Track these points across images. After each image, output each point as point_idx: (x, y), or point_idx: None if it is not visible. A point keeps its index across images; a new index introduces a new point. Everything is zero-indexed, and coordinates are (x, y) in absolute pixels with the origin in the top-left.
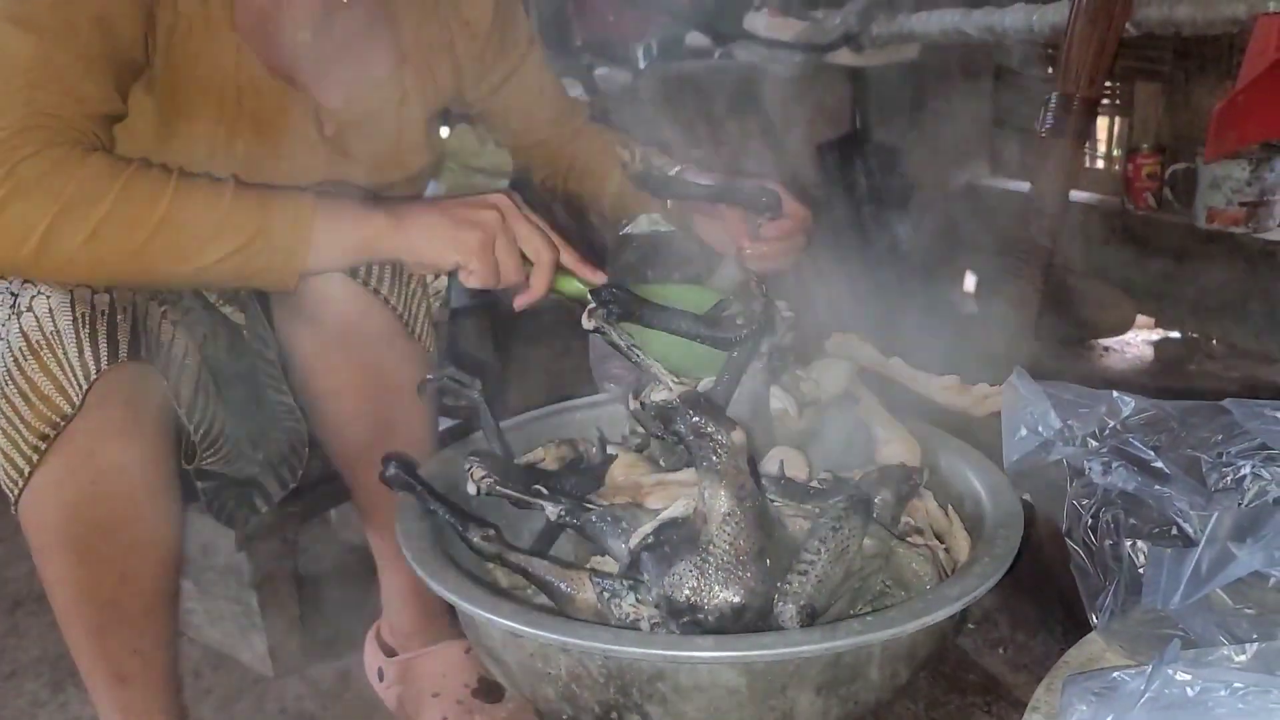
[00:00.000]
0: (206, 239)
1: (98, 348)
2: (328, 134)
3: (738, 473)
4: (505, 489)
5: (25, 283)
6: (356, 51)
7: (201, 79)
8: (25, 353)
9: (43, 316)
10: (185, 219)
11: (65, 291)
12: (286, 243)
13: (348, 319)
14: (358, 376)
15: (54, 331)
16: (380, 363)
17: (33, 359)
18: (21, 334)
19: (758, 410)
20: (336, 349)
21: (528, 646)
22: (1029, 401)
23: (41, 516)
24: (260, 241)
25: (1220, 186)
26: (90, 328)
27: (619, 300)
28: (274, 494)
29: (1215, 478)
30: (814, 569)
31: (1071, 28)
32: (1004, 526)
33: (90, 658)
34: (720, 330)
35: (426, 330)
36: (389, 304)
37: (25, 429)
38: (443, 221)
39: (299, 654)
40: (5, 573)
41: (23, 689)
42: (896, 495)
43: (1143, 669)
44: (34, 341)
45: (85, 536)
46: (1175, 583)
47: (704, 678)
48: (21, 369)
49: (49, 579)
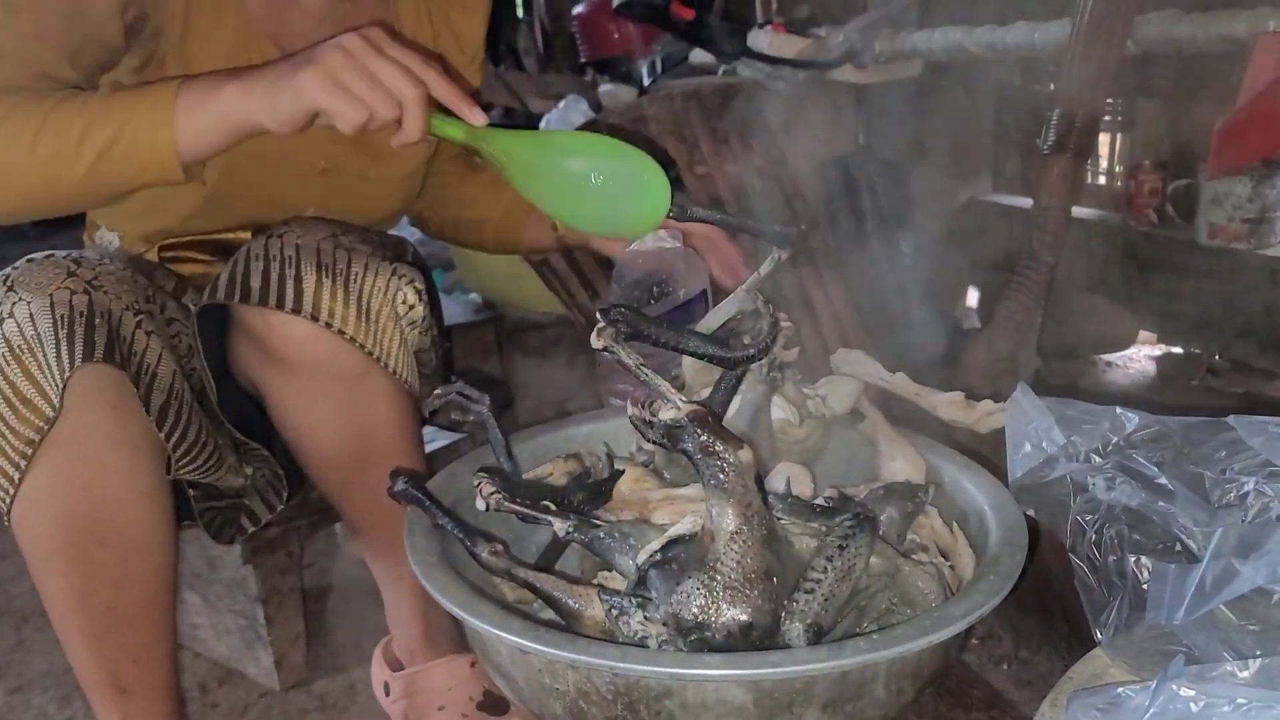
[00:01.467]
0: (81, 138)
1: (74, 348)
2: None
3: (745, 491)
4: (514, 504)
5: (7, 290)
6: None
7: (213, 57)
8: (8, 358)
9: (23, 322)
10: (59, 121)
11: (45, 296)
12: (152, 127)
13: (316, 360)
14: (330, 413)
15: (34, 335)
16: (354, 398)
17: (15, 365)
18: (4, 340)
19: (758, 421)
20: (307, 388)
21: (536, 663)
22: (1033, 417)
23: (34, 525)
24: (129, 131)
25: (1222, 203)
26: (69, 329)
27: (627, 319)
28: (261, 516)
29: (1219, 494)
30: (821, 587)
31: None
32: (1009, 543)
33: (90, 667)
34: (729, 350)
35: (402, 360)
36: (355, 342)
37: (12, 436)
38: (284, 69)
39: (305, 668)
40: (11, 588)
41: (30, 703)
42: (902, 512)
43: (1147, 685)
44: (15, 347)
45: (78, 543)
46: (1179, 599)
47: (711, 695)
48: (5, 374)
49: (45, 589)
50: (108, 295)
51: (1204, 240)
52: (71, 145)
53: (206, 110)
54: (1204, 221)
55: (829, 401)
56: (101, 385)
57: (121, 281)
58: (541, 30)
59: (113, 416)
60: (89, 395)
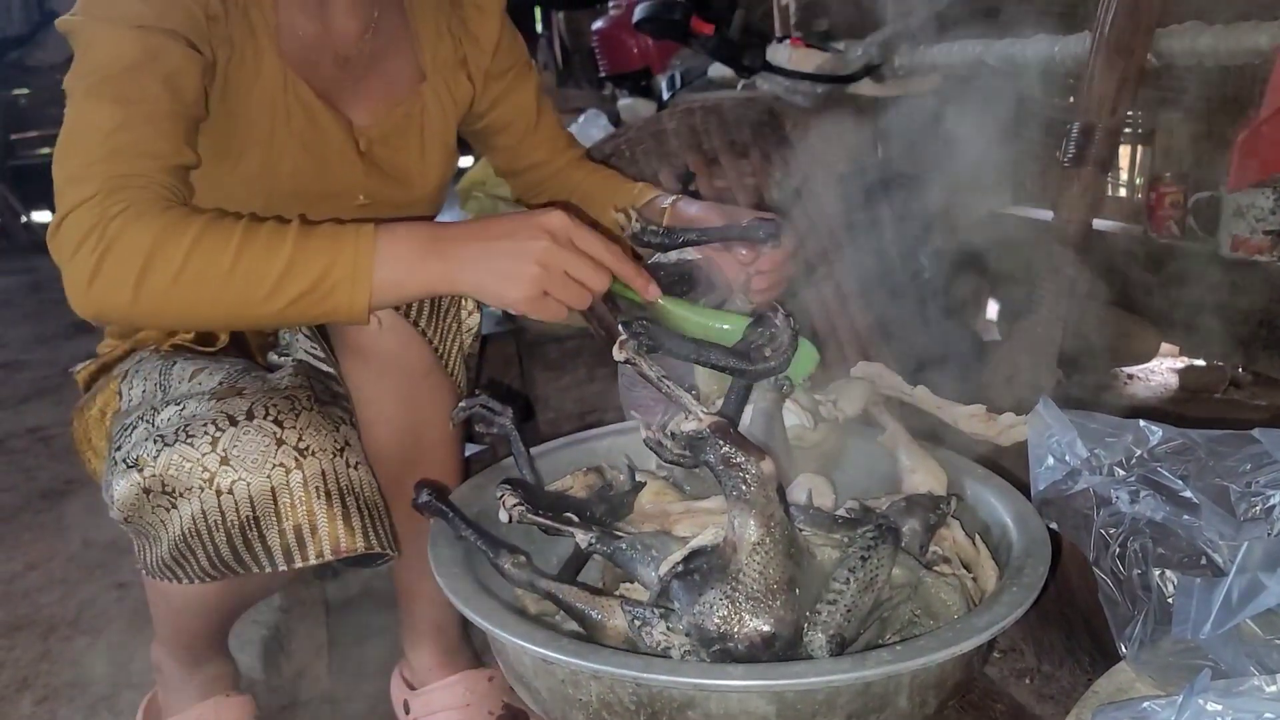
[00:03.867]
0: (279, 280)
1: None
2: (362, 149)
3: (767, 502)
4: (537, 516)
5: (221, 463)
6: (383, 71)
7: (254, 102)
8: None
9: (241, 502)
10: (256, 255)
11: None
12: (352, 283)
13: (389, 351)
14: (392, 408)
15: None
16: (415, 395)
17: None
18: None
19: (772, 429)
20: (377, 381)
21: (559, 673)
22: (1055, 430)
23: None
24: (327, 284)
25: (1244, 215)
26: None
27: (650, 332)
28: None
29: (1244, 507)
30: (843, 598)
31: (1094, 58)
32: (1032, 556)
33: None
34: (750, 362)
35: (459, 365)
36: (426, 337)
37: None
38: (492, 252)
39: (326, 680)
40: (38, 599)
41: (56, 714)
42: (924, 524)
43: (1173, 699)
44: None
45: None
46: (1206, 613)
47: (734, 706)
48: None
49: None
50: (317, 458)
51: (1226, 252)
52: (267, 284)
53: (410, 277)
54: (1226, 234)
55: (840, 405)
56: None
57: (320, 429)
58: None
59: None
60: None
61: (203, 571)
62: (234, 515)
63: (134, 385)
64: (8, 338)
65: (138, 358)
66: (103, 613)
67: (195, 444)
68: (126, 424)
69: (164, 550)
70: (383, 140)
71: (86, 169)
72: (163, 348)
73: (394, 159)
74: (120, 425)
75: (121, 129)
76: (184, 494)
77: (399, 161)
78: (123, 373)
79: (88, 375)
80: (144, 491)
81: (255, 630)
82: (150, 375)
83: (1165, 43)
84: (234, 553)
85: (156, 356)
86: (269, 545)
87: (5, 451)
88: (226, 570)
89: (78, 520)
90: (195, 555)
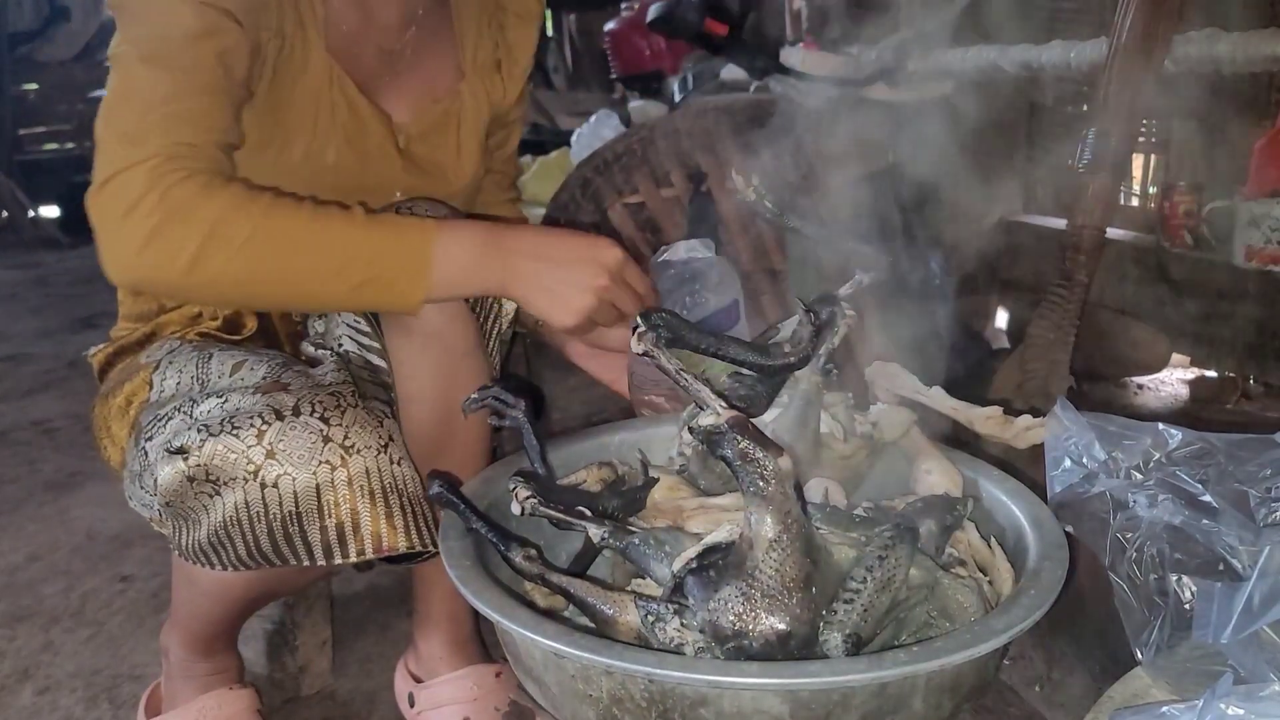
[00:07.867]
0: (340, 269)
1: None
2: (402, 145)
3: (784, 499)
4: (549, 509)
5: (267, 456)
6: (424, 67)
7: (301, 94)
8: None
9: (286, 496)
10: (319, 242)
11: (309, 472)
12: (411, 279)
13: (433, 326)
14: (430, 384)
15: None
16: (453, 375)
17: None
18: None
19: (806, 416)
20: (420, 355)
21: (570, 668)
22: (1073, 433)
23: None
24: (386, 278)
25: (1259, 224)
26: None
27: (668, 324)
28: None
29: (1264, 512)
30: (860, 598)
31: (1110, 65)
32: (1049, 559)
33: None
34: (769, 357)
35: (496, 348)
36: (475, 311)
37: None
38: (552, 270)
39: (330, 674)
40: (41, 589)
41: (57, 704)
42: (941, 525)
43: (1193, 703)
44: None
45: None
46: (1226, 618)
47: (747, 705)
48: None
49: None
50: (362, 456)
51: (1240, 262)
52: (329, 272)
53: (466, 279)
54: (1240, 243)
55: (879, 427)
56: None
57: (365, 426)
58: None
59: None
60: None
61: (238, 560)
62: (277, 509)
63: (167, 376)
64: (13, 331)
65: (168, 347)
66: (105, 605)
67: (241, 435)
68: (161, 415)
69: (202, 535)
70: (421, 137)
71: (142, 131)
72: (189, 336)
73: (432, 155)
74: (152, 416)
75: (178, 96)
76: (228, 483)
77: (436, 158)
78: (154, 362)
79: (104, 358)
80: (188, 479)
81: (259, 624)
82: (186, 368)
83: (1183, 49)
84: (273, 545)
85: (189, 347)
86: (309, 541)
87: (10, 443)
88: (263, 561)
89: (81, 512)
90: (233, 543)
